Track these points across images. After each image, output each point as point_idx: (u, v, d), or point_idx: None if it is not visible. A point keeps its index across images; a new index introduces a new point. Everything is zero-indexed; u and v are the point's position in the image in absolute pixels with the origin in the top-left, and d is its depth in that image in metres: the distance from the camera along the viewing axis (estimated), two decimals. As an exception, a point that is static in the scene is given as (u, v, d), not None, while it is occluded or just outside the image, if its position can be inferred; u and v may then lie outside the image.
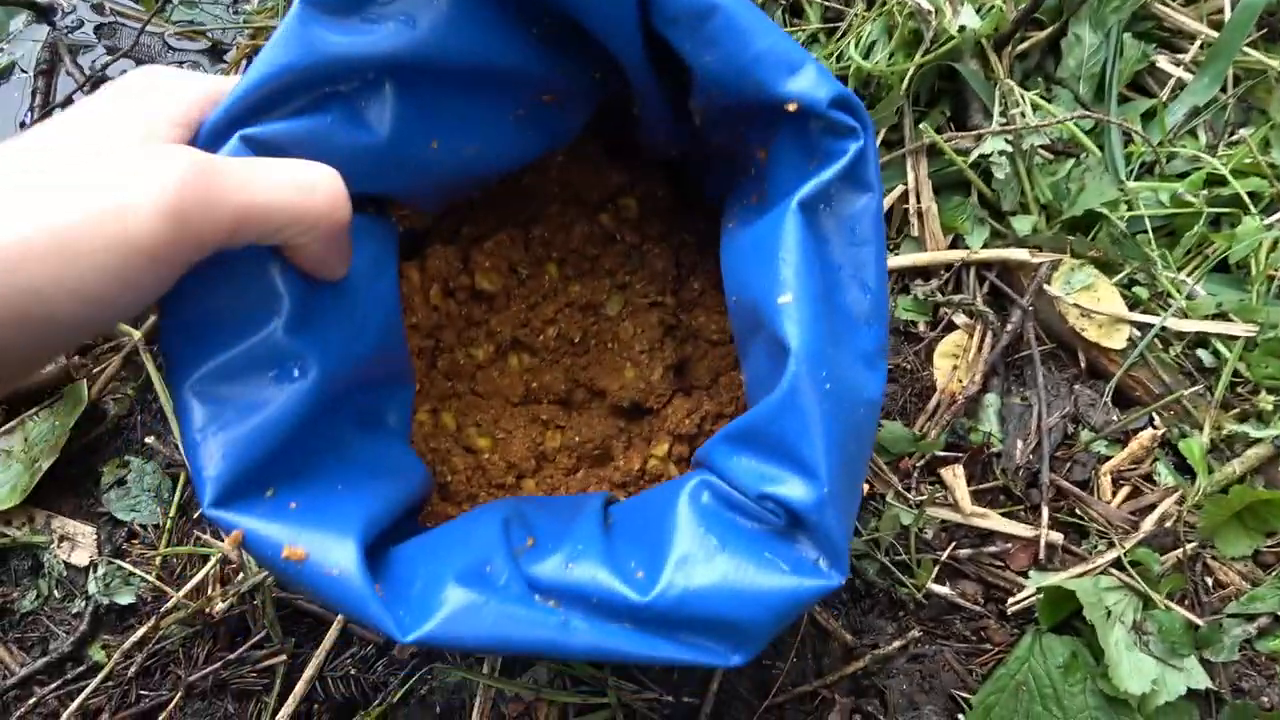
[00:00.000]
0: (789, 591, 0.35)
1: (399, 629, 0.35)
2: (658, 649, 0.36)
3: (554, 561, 0.38)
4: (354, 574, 0.36)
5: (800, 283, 0.37)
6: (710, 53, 0.39)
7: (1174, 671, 0.56)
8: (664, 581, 0.36)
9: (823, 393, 0.36)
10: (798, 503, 0.35)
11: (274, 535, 0.35)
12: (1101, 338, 0.68)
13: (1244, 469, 0.63)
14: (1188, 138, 0.79)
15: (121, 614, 0.67)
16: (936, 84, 0.76)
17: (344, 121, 0.40)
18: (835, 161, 0.38)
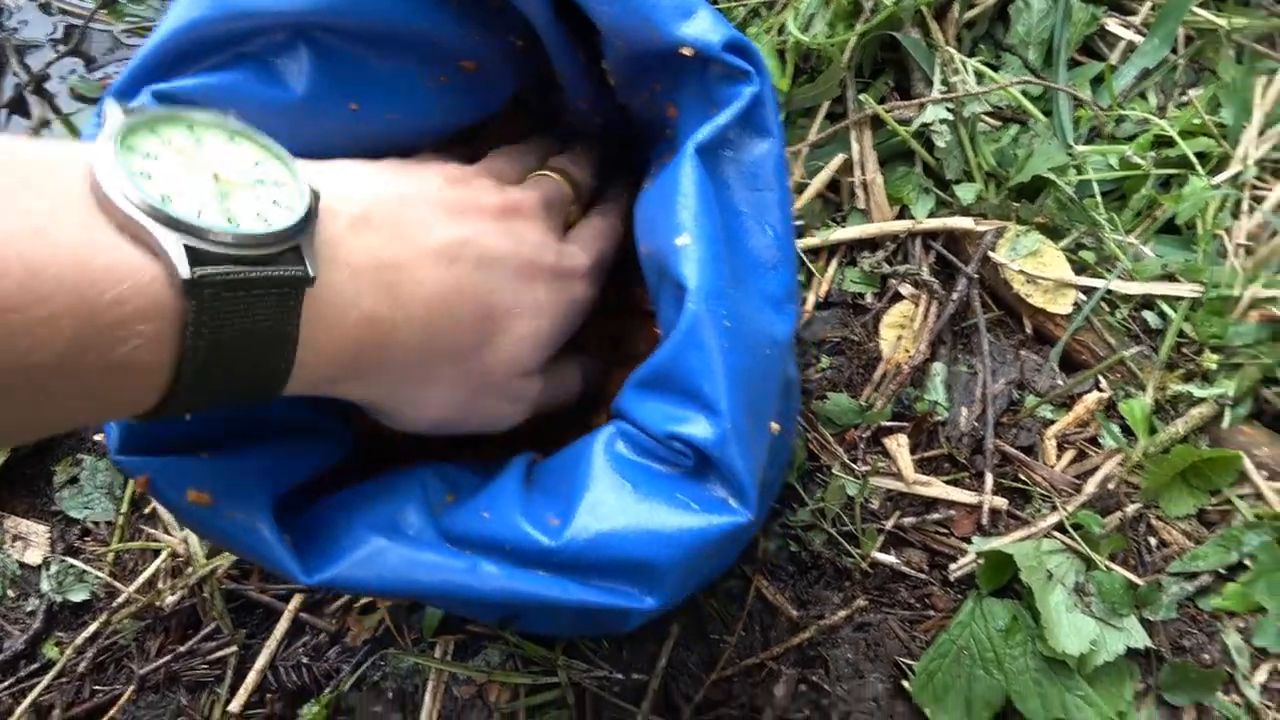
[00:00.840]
0: (698, 530, 0.36)
1: (303, 572, 0.36)
2: (569, 591, 0.36)
3: (470, 512, 0.39)
4: (257, 518, 0.36)
5: (697, 224, 0.37)
6: (609, 3, 0.39)
7: (1113, 631, 0.56)
8: (576, 526, 0.36)
9: (722, 330, 0.36)
10: (701, 440, 0.36)
11: (180, 479, 0.36)
12: (1047, 303, 0.68)
13: (1188, 429, 0.63)
14: (1138, 100, 0.78)
15: (75, 611, 0.68)
16: (880, 54, 0.76)
17: (258, 78, 0.40)
18: (729, 105, 0.38)
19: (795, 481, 0.65)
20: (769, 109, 0.39)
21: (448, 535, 0.38)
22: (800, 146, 0.73)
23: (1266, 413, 0.65)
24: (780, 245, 0.39)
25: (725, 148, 0.39)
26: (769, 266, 0.39)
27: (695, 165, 0.37)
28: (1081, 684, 0.56)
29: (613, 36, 0.41)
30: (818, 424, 0.67)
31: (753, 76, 0.38)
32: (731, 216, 0.39)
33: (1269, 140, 0.72)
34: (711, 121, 0.38)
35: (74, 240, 0.25)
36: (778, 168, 0.40)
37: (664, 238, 0.37)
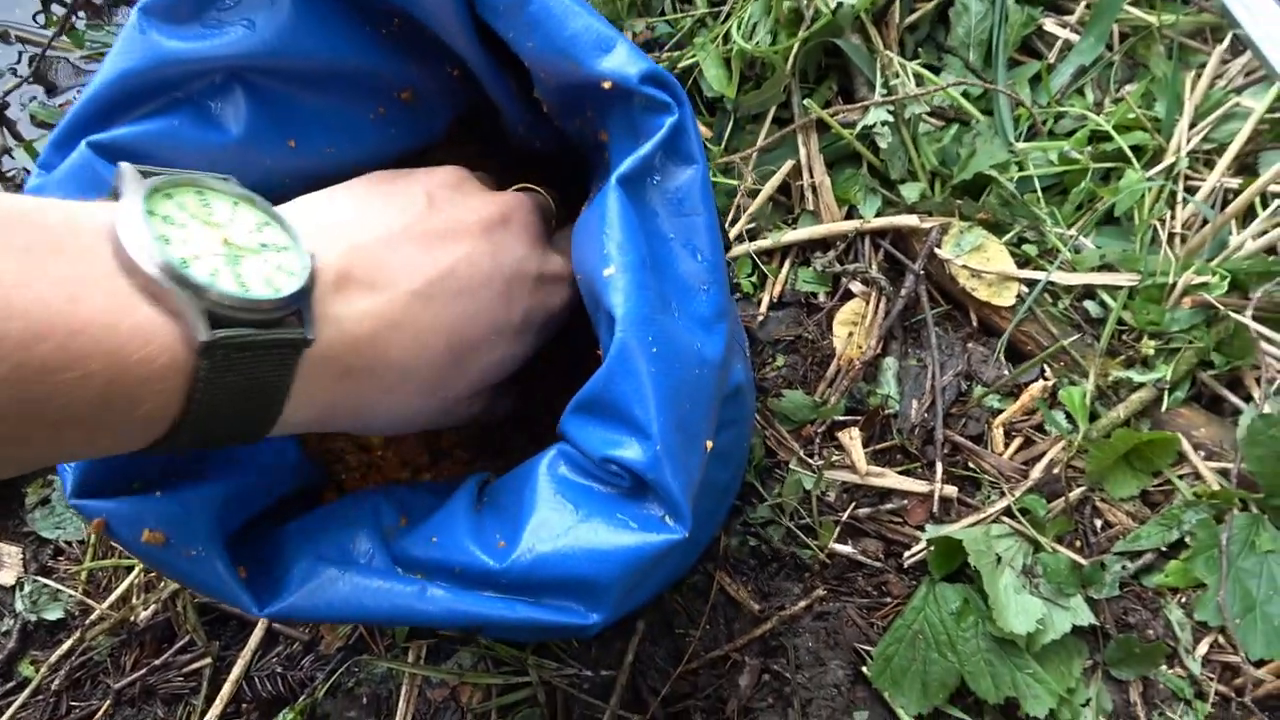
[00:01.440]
0: (635, 548, 0.37)
1: (256, 605, 0.37)
2: (516, 611, 0.38)
3: (420, 537, 0.40)
4: (211, 556, 0.37)
5: (622, 255, 0.38)
6: (531, 38, 0.41)
7: (1060, 610, 0.58)
8: (521, 547, 0.38)
9: (650, 355, 0.37)
10: (633, 462, 0.37)
11: (135, 521, 0.37)
12: (992, 296, 0.70)
13: (1128, 413, 0.65)
14: (1076, 97, 0.81)
15: (51, 629, 0.68)
16: (823, 60, 0.78)
17: (194, 122, 0.42)
18: (652, 136, 0.40)
19: (754, 479, 0.67)
20: (691, 136, 0.40)
21: (398, 560, 0.39)
22: (750, 152, 0.75)
23: (1203, 395, 0.67)
24: (709, 268, 0.41)
25: (650, 175, 0.40)
26: (698, 289, 0.41)
27: (619, 197, 0.39)
28: (1031, 662, 0.58)
29: (538, 69, 0.42)
30: (774, 421, 0.69)
31: (672, 107, 0.40)
32: (659, 243, 0.40)
33: (1200, 132, 0.74)
34: (634, 153, 0.40)
35: (104, 305, 0.27)
36: (703, 192, 0.41)
37: (593, 268, 0.39)
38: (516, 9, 0.41)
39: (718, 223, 0.43)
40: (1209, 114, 0.75)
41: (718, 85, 0.74)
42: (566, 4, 0.40)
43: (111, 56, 0.40)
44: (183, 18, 0.41)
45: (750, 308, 0.74)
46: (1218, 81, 0.77)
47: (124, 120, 0.40)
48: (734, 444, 0.55)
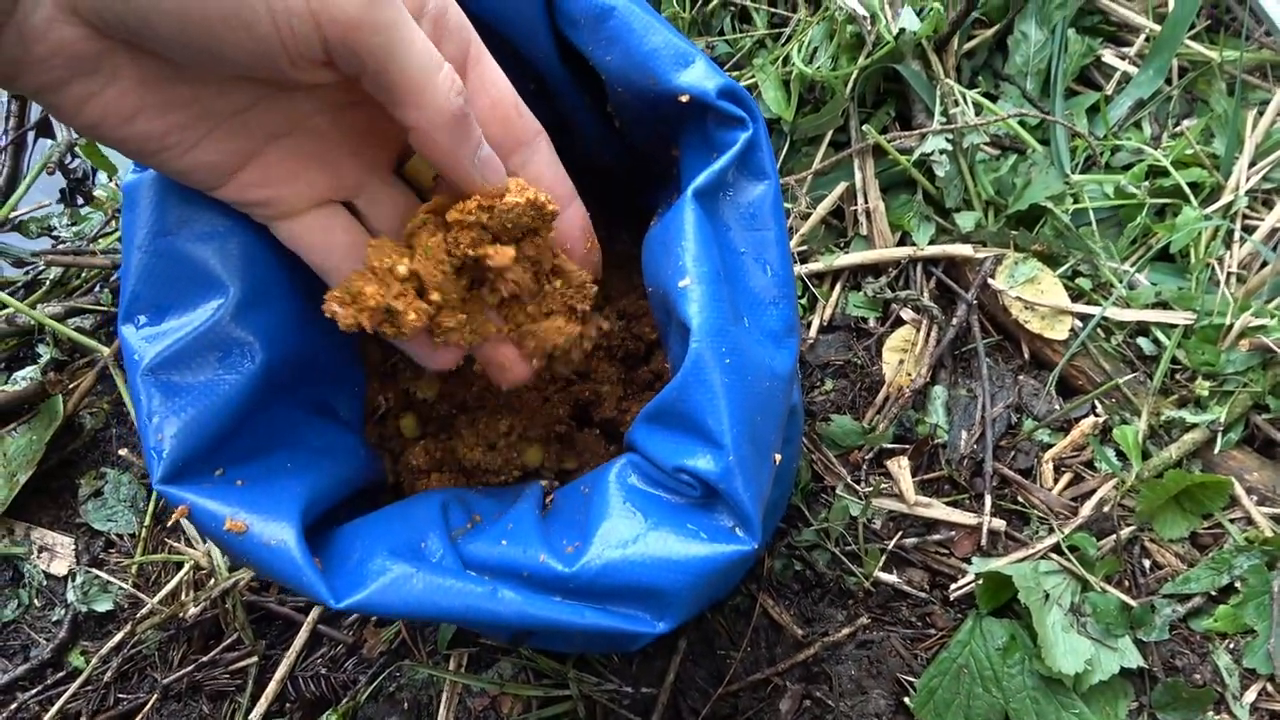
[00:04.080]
0: (705, 558, 0.37)
1: (332, 596, 0.38)
2: (584, 616, 0.38)
3: (489, 539, 0.41)
4: (291, 546, 0.38)
5: (698, 267, 0.39)
6: (610, 51, 0.42)
7: (1108, 651, 0.58)
8: (590, 553, 0.38)
9: (724, 367, 0.38)
10: (706, 472, 0.37)
11: (218, 509, 0.38)
12: (1044, 329, 0.70)
13: (1180, 453, 0.65)
14: (1133, 130, 0.80)
15: (100, 621, 0.70)
16: (882, 85, 0.78)
17: None
18: (726, 151, 0.40)
19: (800, 502, 0.67)
20: (764, 152, 0.41)
21: (467, 561, 0.40)
22: (805, 174, 0.76)
23: (1257, 438, 0.67)
24: (779, 282, 0.41)
25: (724, 190, 0.41)
26: (769, 303, 0.41)
27: (695, 209, 0.40)
28: (1077, 702, 0.58)
29: (615, 83, 0.43)
30: (821, 445, 0.69)
31: (747, 122, 0.40)
32: (731, 256, 0.41)
33: (1260, 171, 0.74)
34: (709, 167, 0.40)
35: None
36: (775, 208, 0.42)
37: (668, 280, 0.39)
38: (597, 23, 0.41)
39: (786, 238, 0.43)
40: (1270, 153, 0.75)
41: (776, 107, 0.75)
42: (646, 18, 0.41)
43: None
44: None
45: (800, 331, 0.74)
46: (1279, 120, 0.77)
47: None
48: (785, 464, 0.55)
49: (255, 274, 0.42)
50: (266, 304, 0.42)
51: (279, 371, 0.43)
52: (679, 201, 0.41)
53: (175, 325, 0.40)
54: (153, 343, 0.39)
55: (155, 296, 0.40)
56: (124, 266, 0.41)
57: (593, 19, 0.41)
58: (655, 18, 0.41)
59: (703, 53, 0.42)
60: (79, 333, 0.75)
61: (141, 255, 0.40)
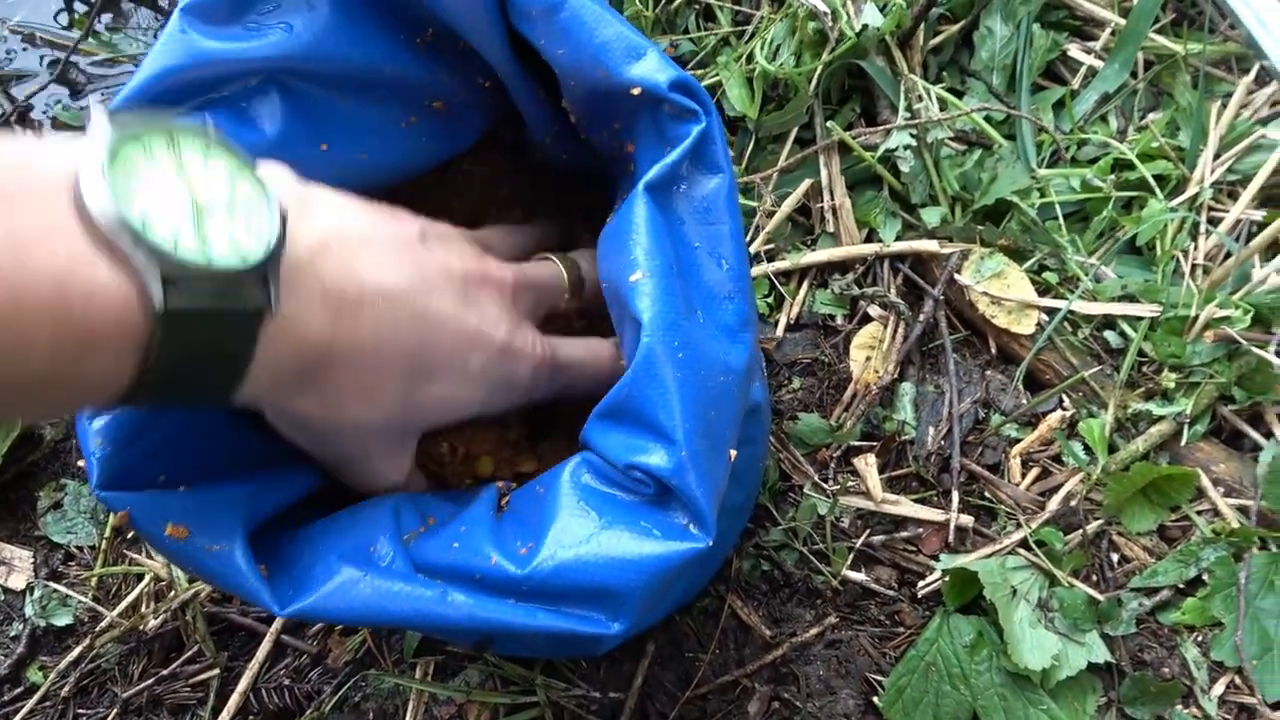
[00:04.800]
0: (659, 556, 0.37)
1: (277, 603, 0.37)
2: (537, 618, 0.38)
3: (442, 542, 0.40)
4: (234, 551, 0.38)
5: (649, 260, 0.38)
6: (562, 45, 0.41)
7: (1075, 646, 0.58)
8: (543, 554, 0.37)
9: (676, 361, 0.37)
10: (658, 469, 0.37)
11: (159, 514, 0.37)
12: (1011, 324, 0.70)
13: (1147, 446, 0.65)
14: (1099, 123, 0.80)
15: (59, 635, 0.68)
16: (847, 82, 0.78)
17: (230, 122, 0.42)
18: (679, 144, 0.40)
19: (768, 501, 0.67)
20: (718, 145, 0.41)
21: (419, 565, 0.39)
22: (770, 172, 0.75)
23: (1223, 430, 0.67)
24: (734, 276, 0.41)
25: (677, 184, 0.41)
26: (724, 297, 0.41)
27: (646, 203, 0.39)
28: (1045, 698, 0.57)
29: (567, 77, 0.42)
30: (789, 444, 0.69)
31: (700, 115, 0.40)
32: (685, 250, 0.41)
33: (1224, 163, 0.74)
34: (662, 160, 0.40)
35: (56, 260, 0.26)
36: (729, 201, 0.41)
37: (620, 275, 0.39)
38: (549, 15, 0.41)
39: (743, 232, 0.43)
40: (1234, 145, 0.75)
41: (740, 105, 0.74)
42: (598, 11, 0.40)
43: (152, 55, 0.40)
44: (223, 19, 0.41)
45: (767, 329, 0.74)
46: (1243, 112, 0.77)
47: None
48: (750, 464, 0.54)
49: None
50: None
51: None
52: (631, 195, 0.41)
53: None
54: None
55: None
56: None
57: (544, 12, 0.41)
58: (607, 10, 0.41)
59: (655, 45, 0.41)
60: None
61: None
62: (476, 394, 0.44)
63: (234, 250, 0.30)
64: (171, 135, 0.31)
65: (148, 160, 0.29)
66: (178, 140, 0.31)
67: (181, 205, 0.29)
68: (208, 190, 0.31)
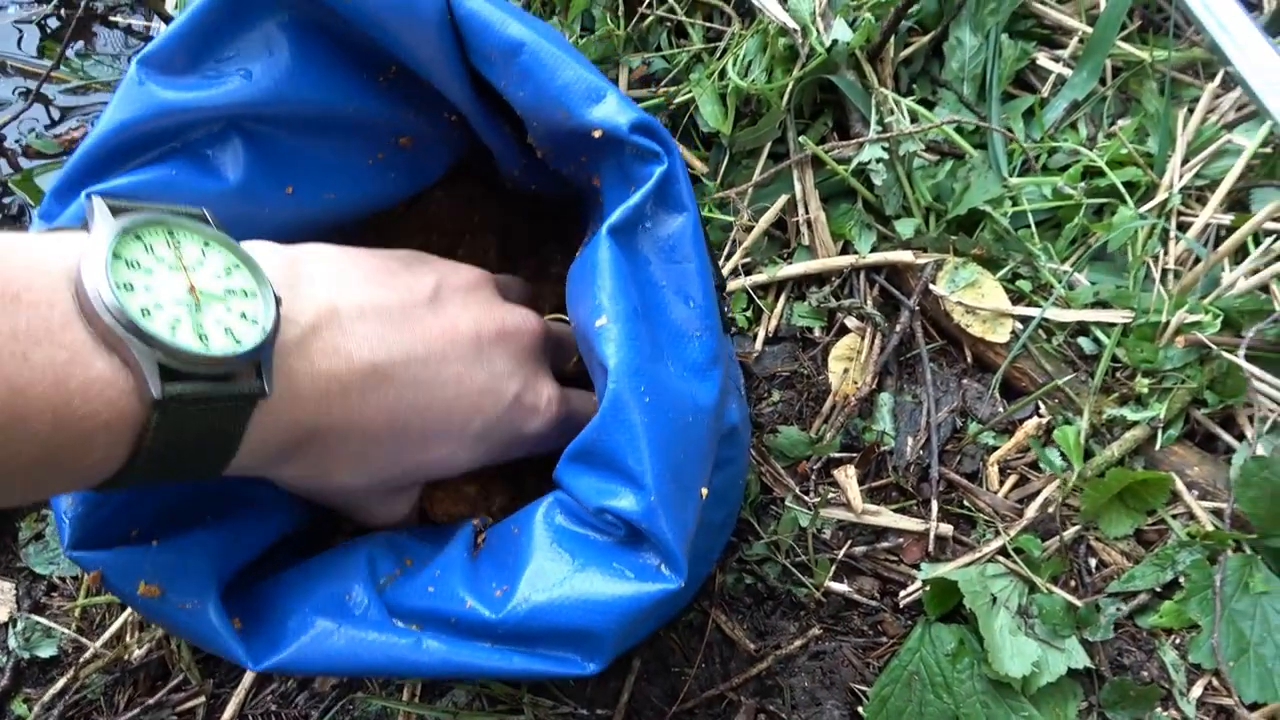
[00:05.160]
0: (631, 597, 0.37)
1: (251, 659, 0.38)
2: (512, 662, 0.38)
3: (417, 586, 0.41)
4: (206, 608, 0.38)
5: (614, 305, 0.39)
6: (523, 87, 0.41)
7: (1055, 652, 0.59)
8: (517, 597, 0.38)
9: (643, 406, 0.38)
10: (628, 513, 0.37)
11: (131, 573, 0.38)
12: (986, 332, 0.70)
13: (1122, 451, 0.65)
14: (1069, 131, 0.81)
15: (44, 667, 0.68)
16: (819, 96, 0.78)
17: (192, 171, 0.42)
18: (642, 186, 0.40)
19: (749, 515, 0.67)
20: (681, 184, 0.41)
21: (394, 610, 0.39)
22: (745, 187, 0.76)
23: (1197, 433, 0.68)
24: (701, 315, 0.41)
25: (641, 223, 0.41)
26: (691, 335, 0.41)
27: (610, 246, 0.39)
28: (1026, 705, 0.58)
29: (530, 118, 0.42)
30: (770, 457, 0.69)
31: (662, 156, 0.40)
32: (651, 291, 0.41)
33: (1192, 168, 0.75)
34: (625, 203, 0.40)
35: (56, 358, 0.27)
36: (695, 240, 0.41)
37: (586, 319, 0.39)
38: (508, 59, 0.41)
39: (710, 269, 0.43)
40: (1201, 150, 0.76)
41: (713, 121, 0.75)
42: (557, 54, 0.40)
43: (110, 108, 0.40)
44: (180, 69, 0.41)
45: (746, 343, 0.74)
46: (1209, 117, 0.78)
47: (123, 170, 0.41)
48: (730, 483, 0.55)
49: None
50: None
51: None
52: (594, 239, 0.41)
53: None
54: None
55: None
56: None
57: (503, 55, 0.41)
58: (567, 52, 0.41)
59: (615, 87, 0.41)
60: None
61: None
62: (476, 453, 0.44)
63: (230, 340, 0.31)
64: (170, 230, 0.32)
65: (147, 255, 0.31)
66: (177, 235, 0.32)
67: (180, 298, 0.31)
68: (206, 281, 0.32)
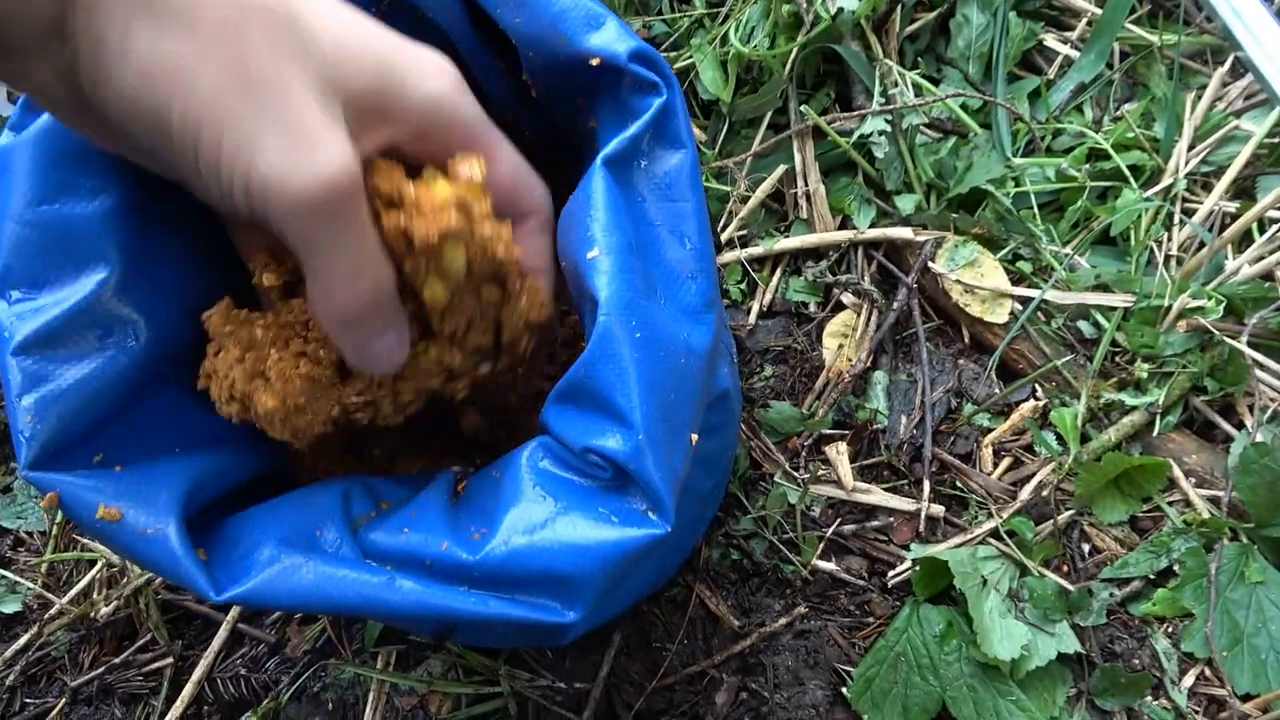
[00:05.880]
0: (616, 542, 0.36)
1: (213, 589, 0.36)
2: (489, 606, 0.36)
3: (392, 528, 0.39)
4: (169, 534, 0.36)
5: (607, 237, 0.37)
6: (519, 13, 0.40)
7: (1045, 636, 0.57)
8: (496, 540, 0.36)
9: (634, 342, 0.36)
10: (614, 452, 0.36)
11: (90, 496, 0.36)
12: (984, 312, 0.69)
13: (1119, 436, 0.64)
14: (1074, 113, 0.80)
15: (7, 623, 0.66)
16: (822, 66, 0.77)
17: None
18: (640, 117, 0.38)
19: (738, 489, 0.66)
20: (680, 120, 0.39)
21: (368, 550, 0.38)
22: (744, 156, 0.74)
23: (1195, 420, 0.66)
24: (697, 256, 0.40)
25: (638, 159, 0.39)
26: (686, 277, 0.40)
27: (605, 178, 0.38)
28: (1014, 689, 0.57)
29: (526, 47, 0.41)
30: (760, 432, 0.68)
31: (661, 88, 0.39)
32: (646, 228, 0.39)
33: (1198, 154, 0.73)
34: (620, 134, 0.38)
35: None
36: (692, 178, 0.40)
37: (578, 251, 0.38)
38: None
39: (707, 211, 0.41)
40: (1208, 136, 0.75)
41: (714, 88, 0.73)
42: None
43: None
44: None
45: (739, 316, 0.73)
46: (1218, 104, 0.77)
47: None
48: (719, 451, 0.53)
49: (143, 247, 0.39)
50: (153, 280, 0.40)
51: (167, 350, 0.40)
52: (590, 170, 0.39)
53: (51, 300, 0.37)
54: (25, 320, 0.37)
55: (30, 270, 0.38)
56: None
57: None
58: None
59: (614, 14, 0.40)
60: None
61: (16, 226, 0.38)
62: None
63: None
64: None
65: None
66: None
67: None
68: None
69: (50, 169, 0.38)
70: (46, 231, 0.38)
